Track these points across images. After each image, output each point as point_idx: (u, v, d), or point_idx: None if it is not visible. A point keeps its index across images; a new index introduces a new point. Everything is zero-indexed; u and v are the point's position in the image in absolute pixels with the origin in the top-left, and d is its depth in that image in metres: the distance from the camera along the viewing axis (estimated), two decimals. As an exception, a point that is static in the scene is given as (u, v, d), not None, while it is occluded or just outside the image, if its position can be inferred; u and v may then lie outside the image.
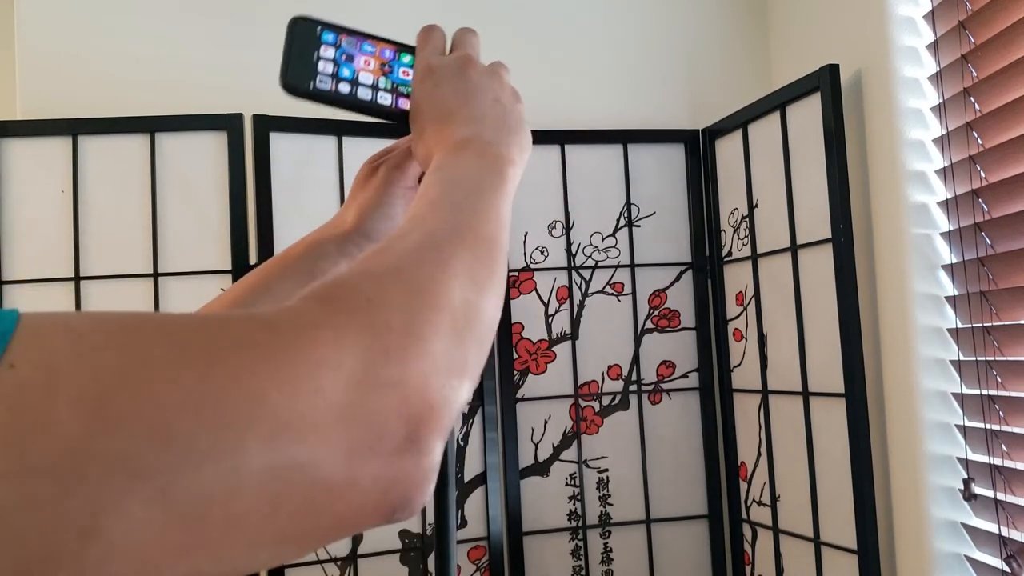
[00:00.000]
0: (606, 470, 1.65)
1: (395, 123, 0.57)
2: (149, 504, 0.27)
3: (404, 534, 1.52)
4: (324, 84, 0.54)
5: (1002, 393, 1.18)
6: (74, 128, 1.43)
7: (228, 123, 1.47)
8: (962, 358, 1.26)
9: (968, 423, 1.24)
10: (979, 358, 1.21)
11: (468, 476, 1.58)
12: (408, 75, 0.56)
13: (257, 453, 0.29)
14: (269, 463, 0.29)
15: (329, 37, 0.55)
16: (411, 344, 0.34)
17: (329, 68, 0.55)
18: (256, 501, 0.29)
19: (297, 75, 0.54)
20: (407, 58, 0.57)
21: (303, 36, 0.55)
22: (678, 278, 1.70)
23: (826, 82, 1.37)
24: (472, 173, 0.47)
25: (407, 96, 0.56)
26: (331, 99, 0.55)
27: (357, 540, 1.49)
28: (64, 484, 0.26)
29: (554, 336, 1.65)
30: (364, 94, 0.55)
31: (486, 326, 0.40)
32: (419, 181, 0.60)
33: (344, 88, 0.55)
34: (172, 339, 0.30)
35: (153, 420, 0.27)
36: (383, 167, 0.61)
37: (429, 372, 0.35)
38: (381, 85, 0.56)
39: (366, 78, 0.56)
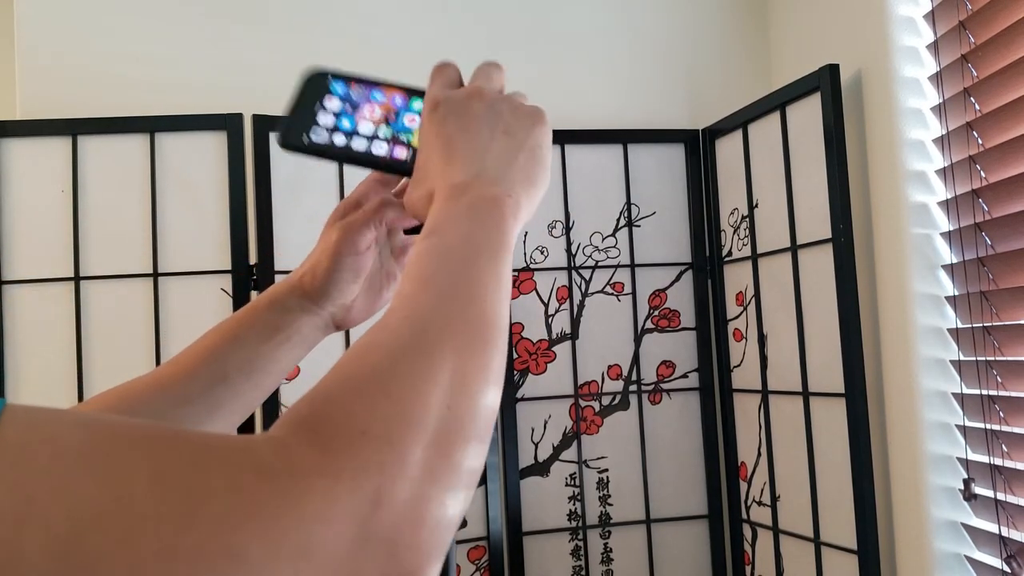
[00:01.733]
0: (606, 470, 1.65)
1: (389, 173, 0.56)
2: None
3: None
4: (319, 136, 0.52)
5: (1002, 393, 1.18)
6: (74, 128, 1.43)
7: (228, 123, 1.47)
8: (962, 358, 1.26)
9: (968, 423, 1.24)
10: (979, 358, 1.21)
11: (468, 476, 1.58)
12: (414, 122, 0.54)
13: None
14: None
15: (338, 88, 0.54)
16: (403, 485, 0.32)
17: (329, 120, 0.53)
18: None
19: (292, 130, 0.52)
20: (417, 104, 0.55)
21: (312, 87, 0.54)
22: (678, 278, 1.70)
23: (826, 82, 1.37)
24: (468, 237, 0.43)
25: (406, 145, 0.54)
26: (325, 152, 0.53)
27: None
28: None
29: (554, 336, 1.65)
30: (359, 144, 0.53)
31: (482, 422, 0.37)
32: (390, 236, 0.59)
33: (339, 140, 0.53)
34: (158, 472, 0.28)
35: (121, 571, 0.26)
36: (335, 229, 0.58)
37: (423, 509, 0.32)
38: (380, 134, 0.54)
39: (365, 128, 0.54)
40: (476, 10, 1.72)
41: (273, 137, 1.46)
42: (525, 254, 1.64)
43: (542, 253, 1.65)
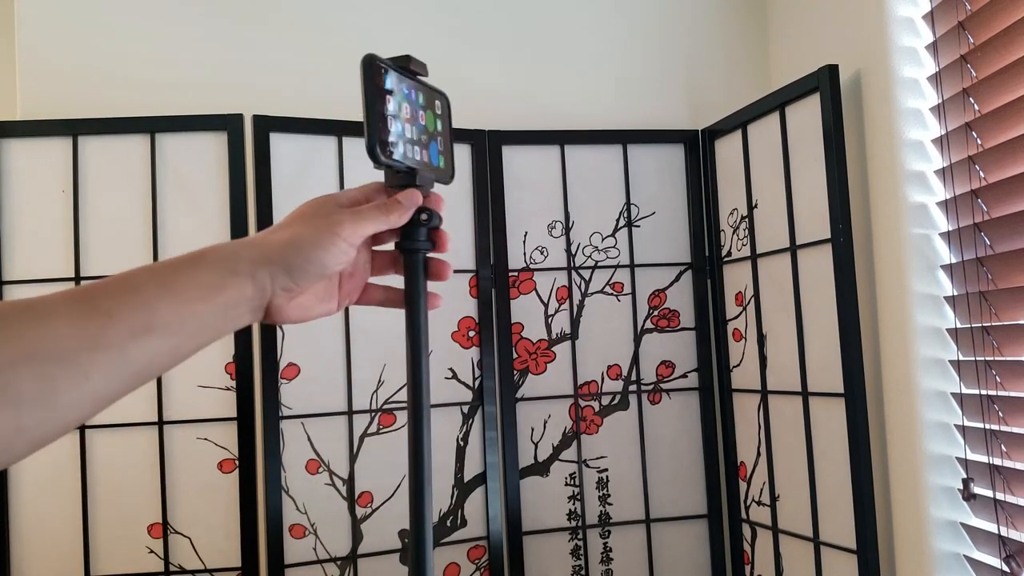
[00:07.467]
0: (606, 470, 1.65)
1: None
2: None
3: (404, 534, 1.52)
4: (397, 152, 0.56)
5: (1001, 393, 1.18)
6: (74, 128, 1.44)
7: (228, 123, 1.47)
8: (961, 358, 1.26)
9: (967, 423, 1.24)
10: (978, 358, 1.21)
11: (468, 476, 1.58)
12: (423, 119, 0.59)
13: None
14: None
15: (390, 80, 0.56)
16: None
17: (398, 129, 0.56)
18: None
19: (376, 143, 0.55)
20: (420, 98, 0.59)
21: (371, 79, 0.55)
22: (678, 278, 1.70)
23: (825, 82, 1.37)
24: None
25: (426, 145, 0.58)
26: (401, 166, 0.56)
27: (357, 540, 1.49)
28: None
29: (554, 336, 1.65)
30: (416, 154, 0.57)
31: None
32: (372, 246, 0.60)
33: (410, 152, 0.57)
34: None
35: None
36: (343, 213, 0.57)
37: None
38: (416, 136, 0.58)
39: (410, 132, 0.57)
40: (477, 10, 1.72)
41: (273, 134, 1.47)
42: (525, 254, 1.64)
43: (542, 253, 1.65)
